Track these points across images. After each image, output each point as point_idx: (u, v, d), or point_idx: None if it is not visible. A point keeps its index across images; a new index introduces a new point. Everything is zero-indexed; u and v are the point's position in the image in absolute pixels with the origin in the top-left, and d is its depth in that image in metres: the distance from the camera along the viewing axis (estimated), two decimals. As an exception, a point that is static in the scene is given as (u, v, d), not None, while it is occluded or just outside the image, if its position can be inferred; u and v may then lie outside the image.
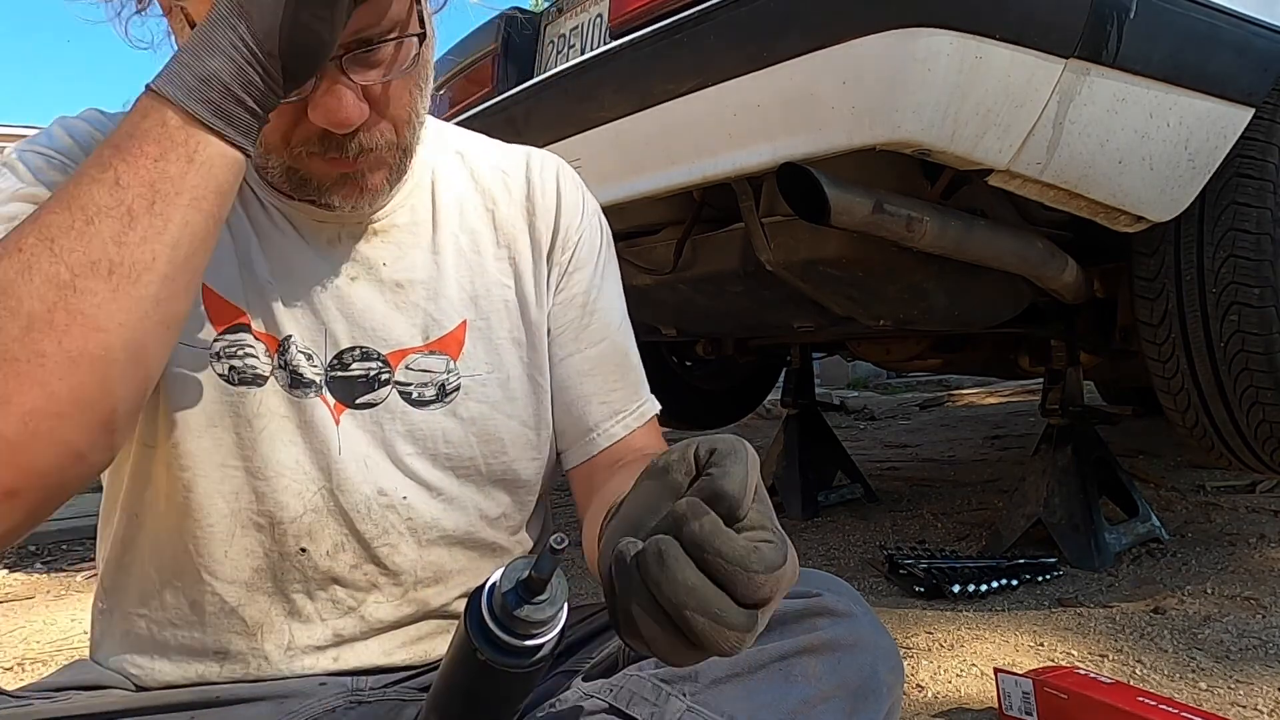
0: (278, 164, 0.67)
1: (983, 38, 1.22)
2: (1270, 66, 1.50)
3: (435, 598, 0.77)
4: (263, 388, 0.70)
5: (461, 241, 0.79)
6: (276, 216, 0.73)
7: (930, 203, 1.47)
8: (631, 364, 0.85)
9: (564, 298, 0.82)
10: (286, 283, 0.72)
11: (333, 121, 0.61)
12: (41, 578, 2.57)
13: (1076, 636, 1.48)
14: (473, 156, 0.83)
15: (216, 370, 0.69)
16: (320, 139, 0.64)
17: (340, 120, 0.61)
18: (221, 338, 0.69)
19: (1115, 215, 1.48)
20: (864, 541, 2.20)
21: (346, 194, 0.68)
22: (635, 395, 0.83)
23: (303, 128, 0.64)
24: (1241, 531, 2.00)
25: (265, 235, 0.72)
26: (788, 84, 1.31)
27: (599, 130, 1.61)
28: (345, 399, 0.73)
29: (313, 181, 0.67)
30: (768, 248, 1.59)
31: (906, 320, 1.74)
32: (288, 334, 0.71)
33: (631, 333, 0.87)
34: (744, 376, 3.27)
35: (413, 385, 0.75)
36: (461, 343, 0.77)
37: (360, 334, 0.73)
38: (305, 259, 0.73)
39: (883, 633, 0.63)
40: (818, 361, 3.82)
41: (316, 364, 0.72)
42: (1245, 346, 1.53)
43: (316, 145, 0.64)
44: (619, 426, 0.81)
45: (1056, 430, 1.98)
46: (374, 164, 0.67)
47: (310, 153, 0.65)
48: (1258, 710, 1.18)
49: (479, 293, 0.78)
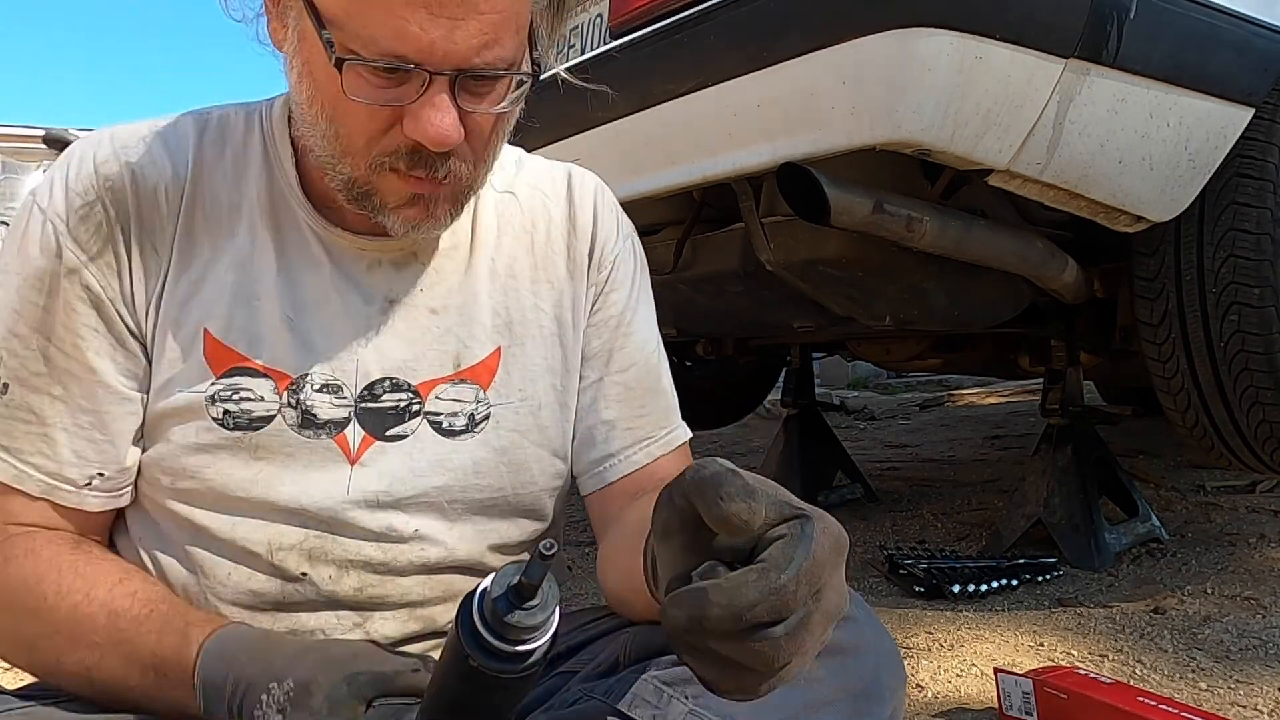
0: (347, 169, 0.65)
1: (983, 38, 1.22)
2: (1270, 66, 1.50)
3: (442, 615, 0.76)
4: (262, 430, 0.69)
5: (498, 266, 0.77)
6: (313, 244, 0.72)
7: (930, 203, 1.47)
8: (662, 389, 0.83)
9: (598, 319, 0.80)
10: (313, 316, 0.71)
11: (429, 135, 0.60)
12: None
13: (1076, 636, 1.48)
14: (514, 176, 0.82)
15: (212, 414, 0.68)
16: (410, 153, 0.63)
17: (437, 135, 0.60)
18: (218, 382, 0.69)
19: (1115, 215, 1.48)
20: (864, 541, 2.20)
21: (410, 216, 0.67)
22: (664, 422, 0.81)
23: (391, 137, 0.63)
24: (1241, 531, 2.00)
25: (295, 268, 0.71)
26: (788, 84, 1.31)
27: (599, 130, 1.61)
28: (375, 431, 0.72)
29: (377, 197, 0.66)
30: (768, 248, 1.59)
31: (906, 320, 1.74)
32: (304, 372, 0.70)
33: (665, 359, 0.85)
34: (744, 376, 3.27)
35: (443, 415, 0.73)
36: (494, 371, 0.75)
37: (391, 364, 0.72)
38: (339, 289, 0.72)
39: (885, 636, 0.63)
40: (818, 361, 3.82)
41: (346, 396, 0.71)
42: (1245, 346, 1.53)
43: (404, 159, 0.63)
44: (641, 454, 0.79)
45: (1056, 430, 1.98)
46: (448, 194, 0.66)
47: (391, 166, 0.64)
48: (1258, 710, 1.18)
49: (514, 319, 0.77)
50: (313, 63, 0.62)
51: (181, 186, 0.70)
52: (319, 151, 0.66)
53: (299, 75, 0.64)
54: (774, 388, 3.39)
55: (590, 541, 2.43)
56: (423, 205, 0.66)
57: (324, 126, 0.64)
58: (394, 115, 0.62)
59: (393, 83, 0.60)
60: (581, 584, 1.95)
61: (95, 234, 0.67)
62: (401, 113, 0.61)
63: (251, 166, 0.72)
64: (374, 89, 0.60)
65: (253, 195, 0.71)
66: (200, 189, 0.70)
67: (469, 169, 0.66)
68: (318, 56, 0.61)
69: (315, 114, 0.64)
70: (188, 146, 0.71)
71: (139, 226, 0.68)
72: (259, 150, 0.73)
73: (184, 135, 0.71)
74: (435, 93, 0.60)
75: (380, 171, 0.64)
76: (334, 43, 0.59)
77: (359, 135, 0.63)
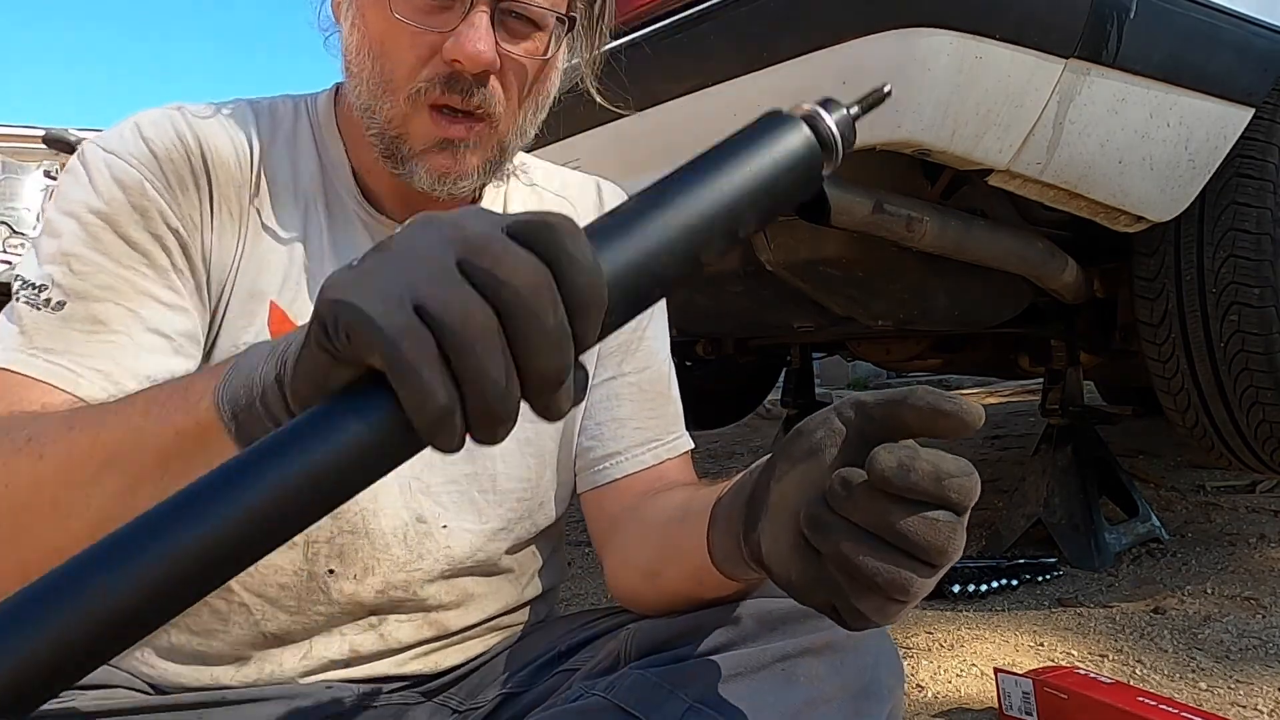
0: (386, 109, 0.67)
1: (983, 38, 1.22)
2: (1270, 66, 1.50)
3: (456, 620, 0.76)
4: None
5: None
6: (359, 229, 0.74)
7: (930, 203, 1.47)
8: (672, 397, 0.83)
9: None
10: None
11: (465, 51, 0.63)
12: (41, 578, 2.56)
13: (1076, 636, 1.48)
14: (545, 184, 0.84)
15: None
16: (446, 80, 0.65)
17: (473, 51, 0.63)
18: None
19: (1115, 215, 1.48)
20: (864, 541, 2.20)
21: (438, 164, 0.68)
22: (673, 427, 0.82)
23: (433, 65, 0.65)
24: (1241, 531, 2.00)
25: (344, 250, 0.72)
26: (788, 84, 1.31)
27: (599, 130, 1.61)
28: None
29: (407, 143, 0.68)
30: (768, 248, 1.59)
31: (906, 320, 1.74)
32: None
33: (674, 370, 0.86)
34: (744, 376, 3.27)
35: None
36: None
37: None
38: None
39: (884, 636, 0.63)
40: (818, 361, 3.82)
41: None
42: (1245, 346, 1.53)
43: (441, 86, 0.65)
44: (649, 454, 0.79)
45: (1056, 430, 1.98)
46: (477, 140, 0.68)
47: (430, 100, 0.66)
48: (1258, 710, 1.17)
49: None
50: (365, 7, 0.67)
51: (249, 162, 0.71)
52: (364, 98, 0.68)
53: (351, 26, 0.68)
54: (774, 388, 3.39)
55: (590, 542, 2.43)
56: (450, 153, 0.68)
57: (370, 67, 0.67)
58: (436, 44, 0.65)
59: (437, 7, 0.64)
60: (581, 584, 1.95)
61: (181, 185, 0.68)
62: (443, 39, 0.64)
63: (303, 152, 0.74)
64: (419, 13, 0.65)
65: (306, 178, 0.73)
66: (264, 167, 0.72)
67: (501, 112, 0.68)
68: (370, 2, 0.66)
69: (364, 58, 0.67)
70: (250, 126, 0.73)
71: (218, 190, 0.69)
72: (308, 136, 0.75)
73: (244, 116, 0.73)
74: (475, 15, 0.64)
75: (416, 105, 0.66)
76: None
77: (402, 64, 0.66)
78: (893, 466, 0.44)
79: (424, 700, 0.75)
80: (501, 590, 0.78)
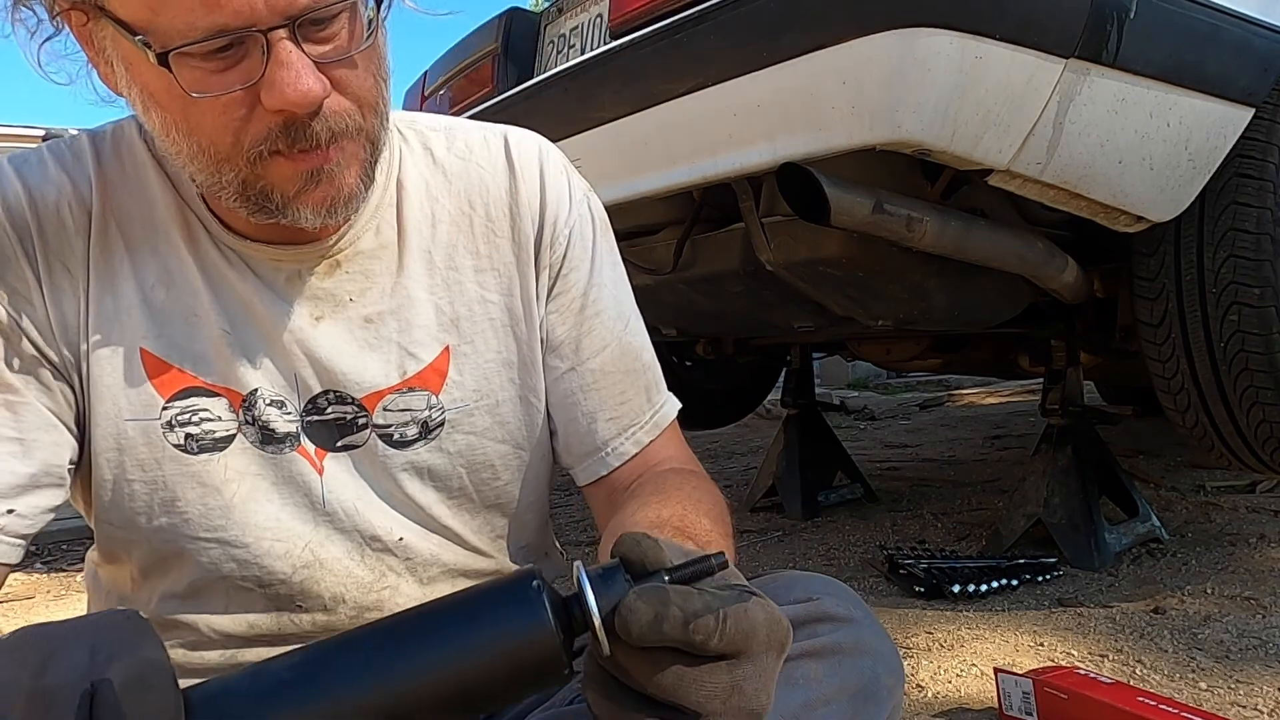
0: (231, 178, 0.59)
1: (983, 38, 1.22)
2: (1270, 66, 1.50)
3: None
4: (227, 450, 0.66)
5: (436, 258, 0.72)
6: (232, 257, 0.67)
7: (930, 203, 1.47)
8: (643, 365, 0.78)
9: (559, 304, 0.74)
10: (246, 330, 0.67)
11: (290, 98, 0.54)
12: (41, 578, 2.57)
13: (1076, 636, 1.48)
14: (445, 151, 0.74)
15: (171, 441, 0.65)
16: (282, 130, 0.56)
17: (299, 93, 0.54)
18: (171, 404, 0.65)
19: (1115, 215, 1.48)
20: (864, 541, 2.20)
21: (319, 199, 0.60)
22: (648, 403, 0.77)
23: (257, 122, 0.56)
24: (1241, 531, 2.00)
25: (219, 282, 0.67)
26: (788, 84, 1.31)
27: (599, 130, 1.61)
28: (325, 444, 0.69)
29: (276, 192, 0.59)
30: (768, 248, 1.59)
31: (906, 320, 1.74)
32: (254, 387, 0.67)
33: (641, 326, 0.80)
34: (744, 376, 3.27)
35: (393, 426, 0.70)
36: (444, 373, 0.71)
37: (330, 378, 0.68)
38: (265, 302, 0.67)
39: (884, 637, 0.63)
40: (818, 361, 3.82)
41: (290, 410, 0.68)
42: (1245, 346, 1.53)
43: (279, 139, 0.57)
44: (630, 443, 0.75)
45: (1056, 430, 1.98)
46: (347, 157, 0.60)
47: (272, 151, 0.57)
48: (1258, 710, 1.18)
49: (460, 314, 0.72)
50: (149, 84, 0.57)
51: (86, 203, 0.65)
52: (198, 176, 0.60)
53: (144, 106, 0.59)
54: (774, 388, 3.38)
55: (590, 541, 2.43)
56: (326, 184, 0.59)
57: (187, 146, 0.58)
58: (248, 99, 0.55)
59: (230, 62, 0.54)
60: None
61: (0, 261, 0.62)
62: (255, 92, 0.55)
63: (154, 180, 0.67)
64: (215, 77, 0.55)
65: (161, 209, 0.66)
66: (109, 205, 0.65)
67: (355, 119, 0.59)
68: (149, 74, 0.56)
69: (174, 138, 0.58)
70: (87, 162, 0.66)
71: (44, 248, 0.63)
72: (156, 164, 0.67)
73: (81, 152, 0.66)
74: (279, 51, 0.54)
75: (264, 162, 0.58)
76: (151, 45, 0.53)
77: (223, 135, 0.57)
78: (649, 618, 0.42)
79: None
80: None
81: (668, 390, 0.80)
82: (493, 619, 0.45)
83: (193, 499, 0.66)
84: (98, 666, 0.40)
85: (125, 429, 0.65)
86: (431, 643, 0.45)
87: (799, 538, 2.30)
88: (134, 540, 0.68)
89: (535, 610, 0.45)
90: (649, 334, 0.82)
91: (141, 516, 0.67)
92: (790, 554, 2.16)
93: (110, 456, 0.65)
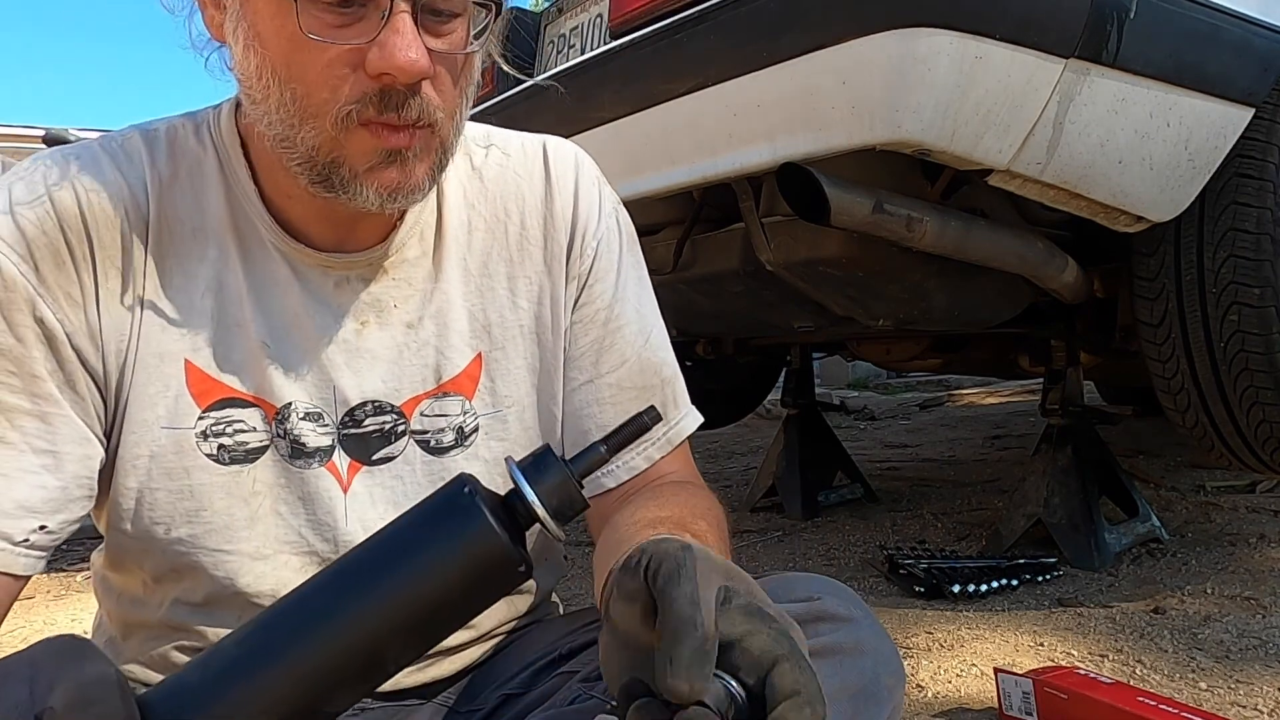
0: (309, 136, 0.59)
1: (983, 38, 1.22)
2: (1270, 66, 1.50)
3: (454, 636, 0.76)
4: (257, 462, 0.67)
5: (471, 266, 0.73)
6: (279, 263, 0.67)
7: (930, 203, 1.47)
8: (661, 381, 0.77)
9: (584, 314, 0.75)
10: (288, 341, 0.67)
11: (397, 62, 0.55)
12: (41, 578, 2.57)
13: (1076, 636, 1.48)
14: (483, 158, 0.75)
15: (204, 451, 0.65)
16: (378, 96, 0.57)
17: (406, 61, 0.55)
18: (206, 415, 0.65)
19: (1115, 215, 1.48)
20: (864, 541, 2.20)
21: (387, 180, 0.60)
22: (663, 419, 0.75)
23: (357, 83, 0.57)
24: (1241, 531, 2.00)
25: (265, 291, 0.67)
26: (788, 84, 1.31)
27: (599, 130, 1.61)
28: (361, 456, 0.69)
29: (346, 165, 0.60)
30: (768, 248, 1.59)
31: (906, 320, 1.74)
32: (288, 400, 0.67)
33: (663, 340, 0.79)
34: (744, 376, 3.27)
35: (430, 433, 0.71)
36: (476, 379, 0.72)
37: (371, 388, 0.69)
38: (310, 310, 0.67)
39: (884, 637, 0.63)
40: (818, 361, 3.82)
41: (327, 423, 0.68)
42: (1245, 346, 1.53)
43: (372, 104, 0.57)
44: (640, 459, 0.75)
45: (1056, 430, 1.98)
46: (422, 149, 0.61)
47: (360, 116, 0.58)
48: (1258, 710, 1.18)
49: (492, 320, 0.73)
50: (259, 23, 0.58)
51: (143, 208, 0.65)
52: (276, 129, 0.60)
53: (244, 47, 0.59)
54: (774, 388, 3.39)
55: (590, 541, 2.43)
56: (398, 165, 0.60)
57: (278, 94, 0.58)
58: (355, 57, 0.57)
59: (350, 19, 0.56)
60: (582, 584, 1.95)
61: (53, 262, 0.61)
62: (363, 54, 0.56)
63: (209, 183, 0.67)
64: (330, 27, 0.56)
65: (214, 213, 0.67)
66: (164, 210, 0.65)
67: (440, 119, 0.61)
68: (265, 11, 0.57)
69: (267, 84, 0.58)
70: (142, 165, 0.66)
71: (101, 252, 0.63)
72: (214, 164, 0.67)
73: (136, 153, 0.66)
74: (397, 20, 0.56)
75: (349, 128, 0.58)
76: None
77: (320, 87, 0.57)
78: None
79: (424, 702, 0.75)
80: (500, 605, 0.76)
81: (689, 404, 0.80)
82: (434, 535, 0.45)
83: (219, 509, 0.66)
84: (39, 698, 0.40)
85: (159, 436, 0.65)
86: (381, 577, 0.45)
87: (799, 538, 2.30)
88: (147, 550, 0.68)
89: (474, 516, 0.45)
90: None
91: (160, 526, 0.66)
92: (790, 554, 2.16)
93: (140, 464, 0.65)
